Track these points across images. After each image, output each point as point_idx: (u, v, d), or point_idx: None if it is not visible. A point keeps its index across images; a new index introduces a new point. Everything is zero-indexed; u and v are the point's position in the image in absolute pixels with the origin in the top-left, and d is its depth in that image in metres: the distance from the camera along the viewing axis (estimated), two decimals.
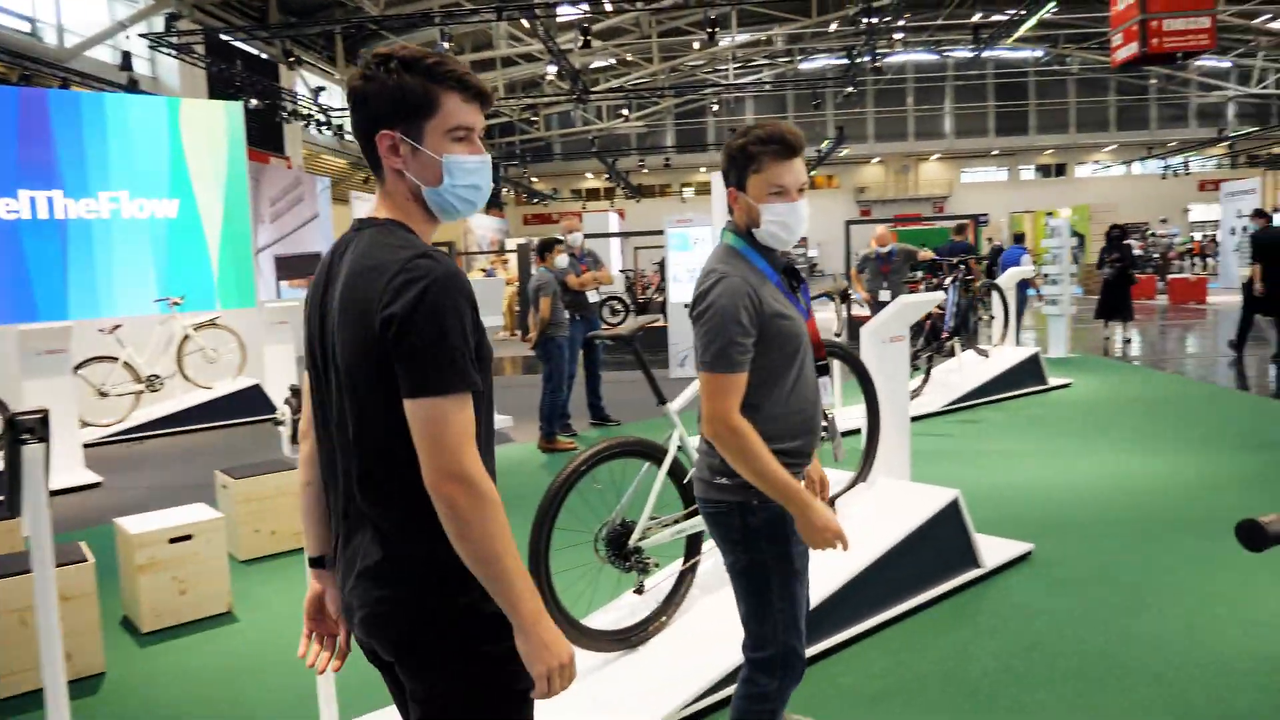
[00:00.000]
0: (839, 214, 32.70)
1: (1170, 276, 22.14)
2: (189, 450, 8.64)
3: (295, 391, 2.53)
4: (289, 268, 18.25)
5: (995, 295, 10.13)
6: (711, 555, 4.08)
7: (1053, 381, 9.63)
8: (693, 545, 3.79)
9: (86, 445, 7.99)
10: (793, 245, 2.33)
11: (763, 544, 2.26)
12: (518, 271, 18.95)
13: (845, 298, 9.03)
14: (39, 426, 2.41)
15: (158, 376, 9.35)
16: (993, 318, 10.18)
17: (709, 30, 17.58)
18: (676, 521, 3.68)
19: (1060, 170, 38.20)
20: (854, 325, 11.01)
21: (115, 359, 9.04)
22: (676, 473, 3.70)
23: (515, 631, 1.47)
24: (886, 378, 4.97)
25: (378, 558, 1.52)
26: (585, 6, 21.76)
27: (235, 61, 17.35)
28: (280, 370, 9.87)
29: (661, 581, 3.77)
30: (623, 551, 3.52)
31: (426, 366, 1.41)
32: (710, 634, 3.51)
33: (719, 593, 3.84)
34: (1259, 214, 12.28)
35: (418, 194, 1.58)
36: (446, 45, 17.19)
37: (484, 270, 21.73)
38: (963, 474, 6.25)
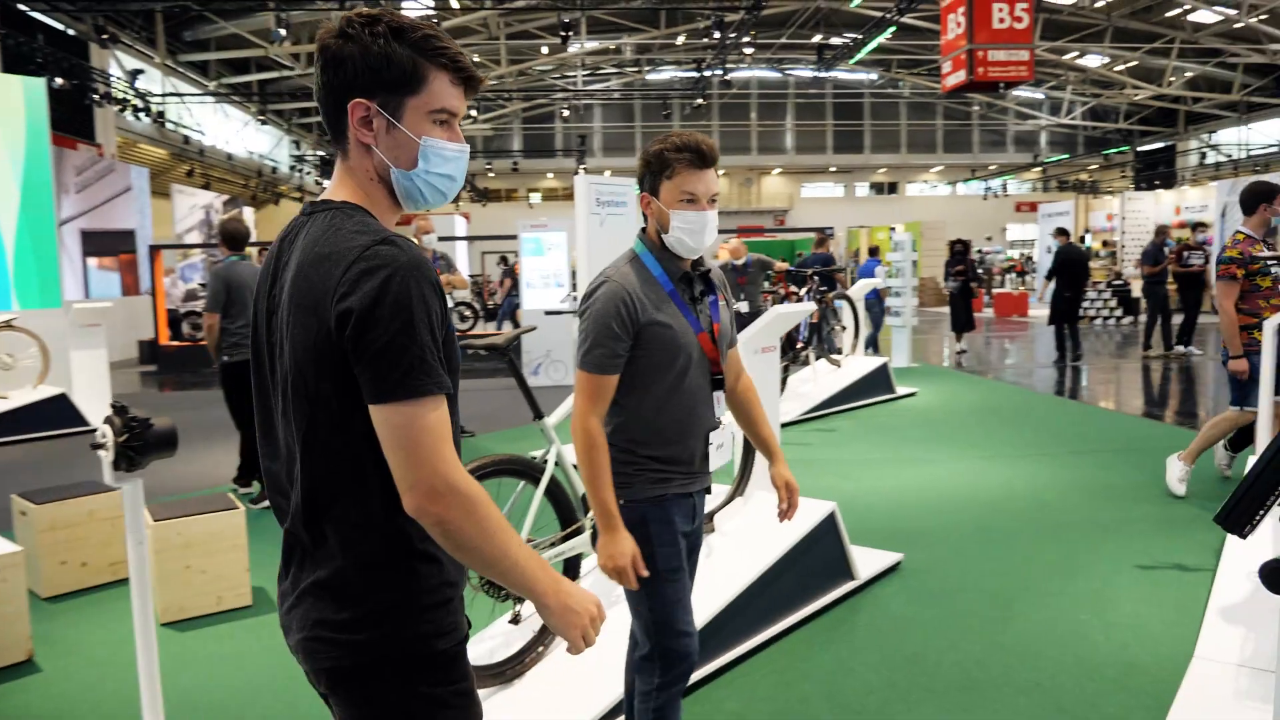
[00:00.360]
0: None
1: (995, 292, 23.63)
2: None
3: (119, 410, 2.11)
4: (97, 244, 16.67)
5: (846, 306, 10.37)
6: (590, 576, 3.86)
7: (900, 390, 9.95)
8: (571, 568, 3.55)
9: None
10: (700, 253, 2.34)
11: None
12: None
13: None
14: None
15: None
16: (844, 328, 10.42)
17: (562, 34, 17.37)
18: (554, 544, 3.43)
19: (892, 188, 40.26)
20: None
21: None
22: (554, 492, 3.45)
23: (538, 609, 1.42)
24: (758, 388, 4.88)
25: (320, 578, 1.40)
26: (430, 3, 21.12)
27: (36, 35, 15.72)
28: (91, 378, 8.90)
29: None
30: None
31: (392, 368, 1.27)
32: (591, 665, 3.27)
33: None
34: (1061, 232, 13.68)
35: (384, 175, 1.43)
36: (283, 33, 16.24)
37: None
38: (825, 483, 6.29)
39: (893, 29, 19.52)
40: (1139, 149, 32.45)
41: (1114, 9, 23.99)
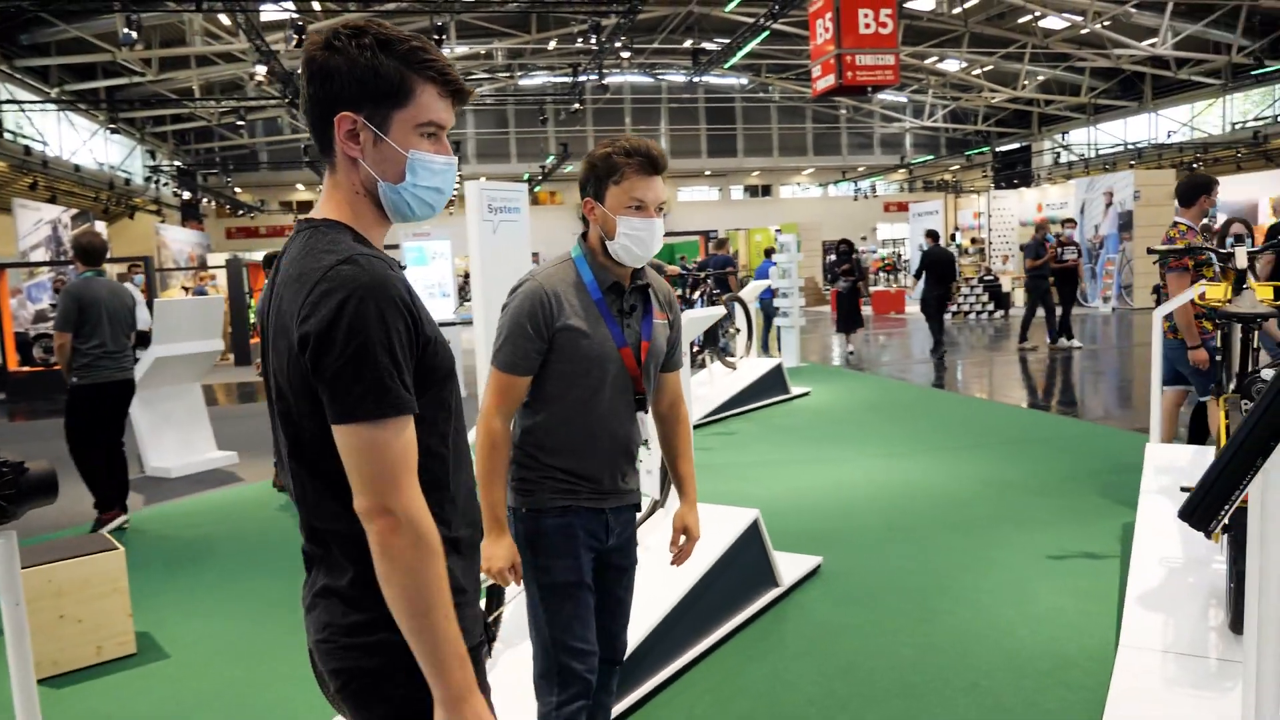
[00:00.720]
0: (564, 229, 32.99)
1: (873, 290, 24.36)
2: None
3: None
4: None
5: (739, 307, 10.41)
6: (511, 604, 3.65)
7: (795, 390, 10.04)
8: (494, 596, 3.34)
9: None
10: (644, 262, 2.28)
11: (526, 553, 2.27)
12: (228, 289, 17.22)
13: None
14: None
15: None
16: (738, 330, 10.46)
17: (433, 38, 16.91)
18: None
19: (766, 190, 41.10)
20: None
21: None
22: None
23: (436, 704, 1.31)
24: None
25: (327, 584, 1.42)
26: (292, 6, 20.26)
27: None
28: None
29: None
30: None
31: (348, 391, 1.27)
32: (515, 693, 3.07)
33: (521, 647, 3.41)
34: (930, 234, 14.42)
35: (371, 188, 1.42)
36: (134, 36, 15.23)
37: (187, 288, 19.51)
38: (731, 488, 6.24)
39: (765, 34, 19.87)
40: (998, 149, 34.14)
41: (970, 15, 25.13)
